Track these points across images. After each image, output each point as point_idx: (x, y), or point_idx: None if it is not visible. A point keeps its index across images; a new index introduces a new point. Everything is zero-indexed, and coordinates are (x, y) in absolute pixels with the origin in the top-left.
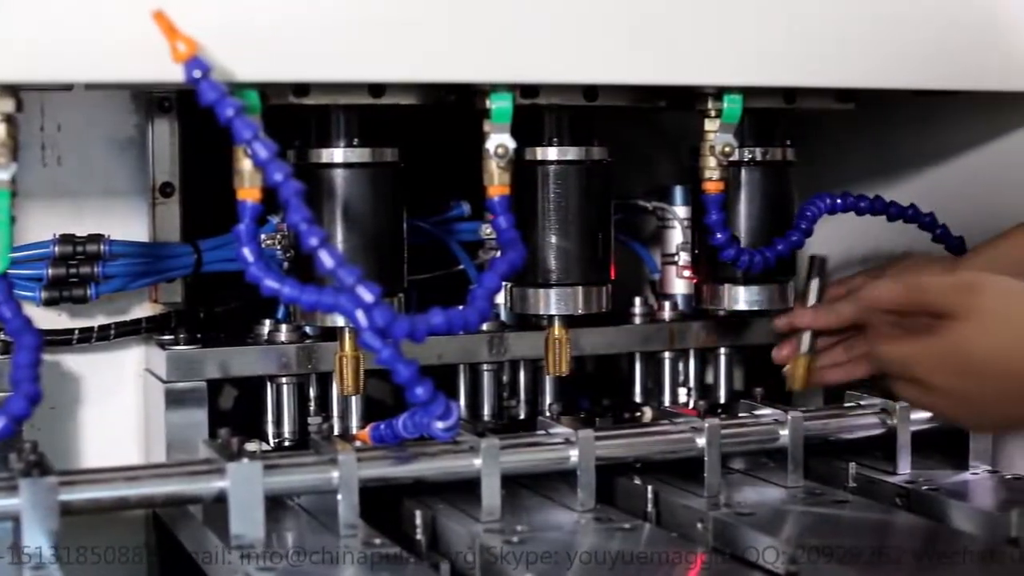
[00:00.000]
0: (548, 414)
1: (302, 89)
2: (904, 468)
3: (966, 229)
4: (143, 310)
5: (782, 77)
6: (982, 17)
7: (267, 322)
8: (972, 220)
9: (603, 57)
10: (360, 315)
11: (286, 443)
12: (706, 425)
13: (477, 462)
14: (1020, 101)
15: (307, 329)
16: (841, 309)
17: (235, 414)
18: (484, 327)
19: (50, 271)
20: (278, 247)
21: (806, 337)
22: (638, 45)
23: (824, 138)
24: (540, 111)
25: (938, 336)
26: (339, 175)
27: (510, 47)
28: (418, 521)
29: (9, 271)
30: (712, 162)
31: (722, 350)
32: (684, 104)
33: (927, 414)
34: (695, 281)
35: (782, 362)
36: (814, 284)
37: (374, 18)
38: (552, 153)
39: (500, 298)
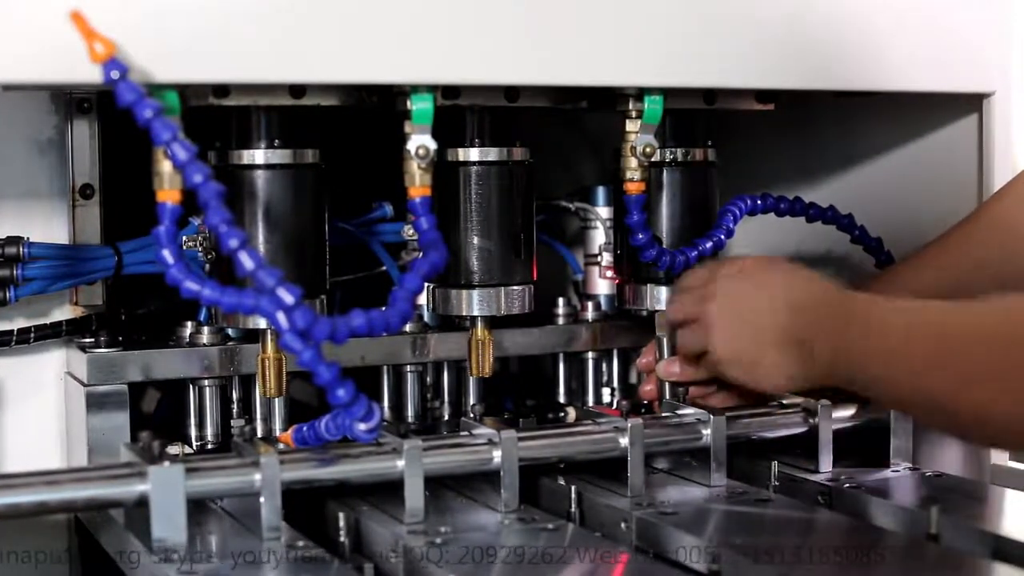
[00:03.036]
0: (471, 415)
1: (222, 90)
2: (826, 466)
3: (886, 229)
4: (63, 313)
5: (701, 78)
6: (898, 21)
7: (189, 324)
8: (891, 220)
9: (524, 58)
10: (281, 317)
11: (209, 446)
12: (629, 425)
13: (400, 464)
14: (937, 103)
15: (229, 331)
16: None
17: (157, 417)
18: (407, 328)
19: None
20: (199, 249)
21: (668, 385)
22: (559, 46)
23: (746, 139)
24: (461, 112)
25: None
26: (260, 176)
27: (431, 48)
28: (341, 523)
29: None
30: (633, 163)
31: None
32: (605, 105)
33: (849, 412)
34: (618, 281)
35: (648, 398)
36: (665, 340)
37: (294, 19)
38: (473, 154)
39: (423, 299)
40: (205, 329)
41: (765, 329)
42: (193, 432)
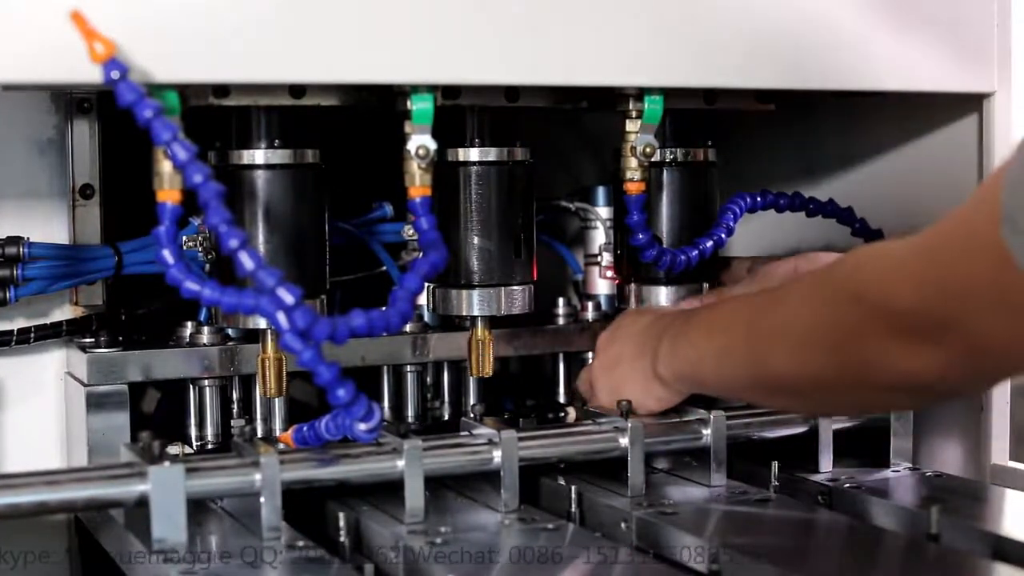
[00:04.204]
0: (471, 415)
1: (222, 90)
2: (826, 467)
3: (885, 228)
4: (64, 313)
5: (701, 78)
6: (898, 21)
7: (189, 324)
8: (891, 220)
9: (524, 58)
10: (281, 317)
11: (209, 446)
12: (629, 425)
13: (400, 464)
14: (937, 103)
15: (229, 331)
16: None
17: (157, 417)
18: (408, 328)
19: None
20: (199, 249)
21: None
22: (559, 46)
23: (747, 139)
24: (462, 112)
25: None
26: (260, 176)
27: (431, 48)
28: (341, 523)
29: None
30: (633, 163)
31: None
32: (605, 105)
33: None
34: (617, 282)
35: None
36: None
37: (294, 19)
38: (474, 154)
39: (423, 299)
40: (205, 329)
41: (628, 352)
42: (193, 432)
